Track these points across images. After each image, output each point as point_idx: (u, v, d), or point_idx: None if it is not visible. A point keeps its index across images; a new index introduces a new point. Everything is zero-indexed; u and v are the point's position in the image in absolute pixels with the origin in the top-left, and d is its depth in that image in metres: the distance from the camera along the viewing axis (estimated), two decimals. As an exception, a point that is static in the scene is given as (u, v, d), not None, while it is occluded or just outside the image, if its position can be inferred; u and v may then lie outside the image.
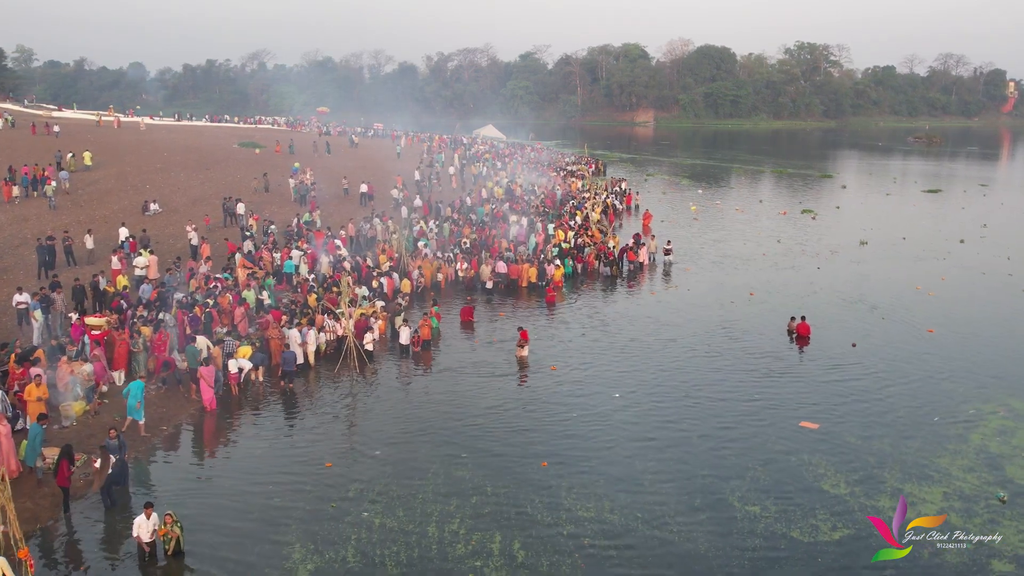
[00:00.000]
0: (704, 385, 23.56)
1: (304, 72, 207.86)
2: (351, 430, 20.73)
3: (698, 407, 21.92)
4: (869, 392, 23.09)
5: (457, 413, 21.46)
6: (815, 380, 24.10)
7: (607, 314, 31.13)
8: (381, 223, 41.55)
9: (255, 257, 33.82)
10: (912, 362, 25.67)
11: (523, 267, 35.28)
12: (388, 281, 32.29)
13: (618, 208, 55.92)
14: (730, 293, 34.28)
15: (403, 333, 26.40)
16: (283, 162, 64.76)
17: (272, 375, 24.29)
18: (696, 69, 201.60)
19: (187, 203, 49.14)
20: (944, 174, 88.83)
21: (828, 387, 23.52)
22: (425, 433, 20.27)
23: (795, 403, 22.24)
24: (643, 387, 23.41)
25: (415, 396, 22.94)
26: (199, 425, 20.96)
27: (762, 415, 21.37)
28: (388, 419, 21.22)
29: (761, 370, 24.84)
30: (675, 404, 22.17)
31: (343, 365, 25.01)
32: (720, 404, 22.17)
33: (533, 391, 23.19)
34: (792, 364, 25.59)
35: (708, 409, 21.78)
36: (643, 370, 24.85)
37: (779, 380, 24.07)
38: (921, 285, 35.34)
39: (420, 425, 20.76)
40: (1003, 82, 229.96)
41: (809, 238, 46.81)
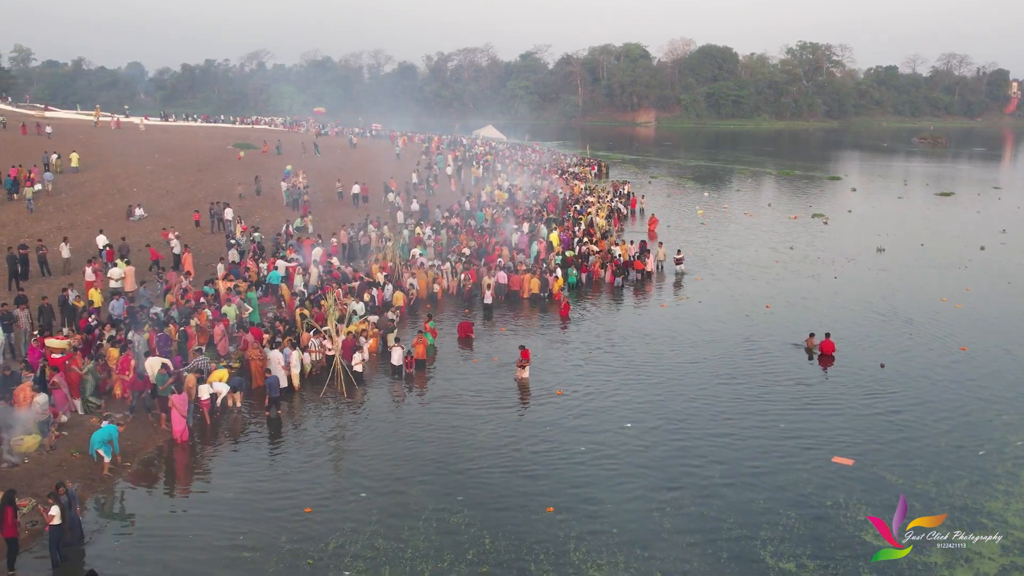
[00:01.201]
0: (723, 414, 21.50)
1: (303, 72, 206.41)
2: (335, 468, 18.65)
3: (719, 440, 19.87)
4: (905, 421, 21.08)
5: (453, 448, 19.40)
6: (845, 407, 22.08)
7: (615, 330, 29.08)
8: (376, 230, 39.56)
9: (240, 268, 31.79)
10: (947, 385, 23.68)
11: (524, 277, 33.24)
12: (378, 292, 30.26)
13: (623, 212, 53.91)
14: (745, 305, 32.28)
15: (395, 353, 24.36)
16: (277, 164, 62.70)
17: (253, 400, 22.31)
18: (698, 69, 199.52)
19: (175, 207, 47.18)
20: (954, 176, 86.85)
21: (860, 415, 21.50)
22: (417, 472, 18.25)
23: (826, 435, 20.23)
24: (657, 415, 21.35)
25: (407, 427, 20.88)
26: (168, 460, 18.95)
27: (791, 450, 19.36)
28: (376, 454, 19.18)
29: (786, 396, 22.81)
30: (693, 436, 20.13)
31: (330, 388, 23.00)
32: (743, 437, 20.12)
33: (536, 421, 21.14)
34: (819, 388, 23.54)
35: (730, 443, 19.73)
36: (656, 396, 22.81)
37: (806, 407, 22.02)
38: (946, 297, 33.34)
39: (411, 462, 18.72)
40: (1006, 82, 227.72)
41: (823, 245, 44.80)
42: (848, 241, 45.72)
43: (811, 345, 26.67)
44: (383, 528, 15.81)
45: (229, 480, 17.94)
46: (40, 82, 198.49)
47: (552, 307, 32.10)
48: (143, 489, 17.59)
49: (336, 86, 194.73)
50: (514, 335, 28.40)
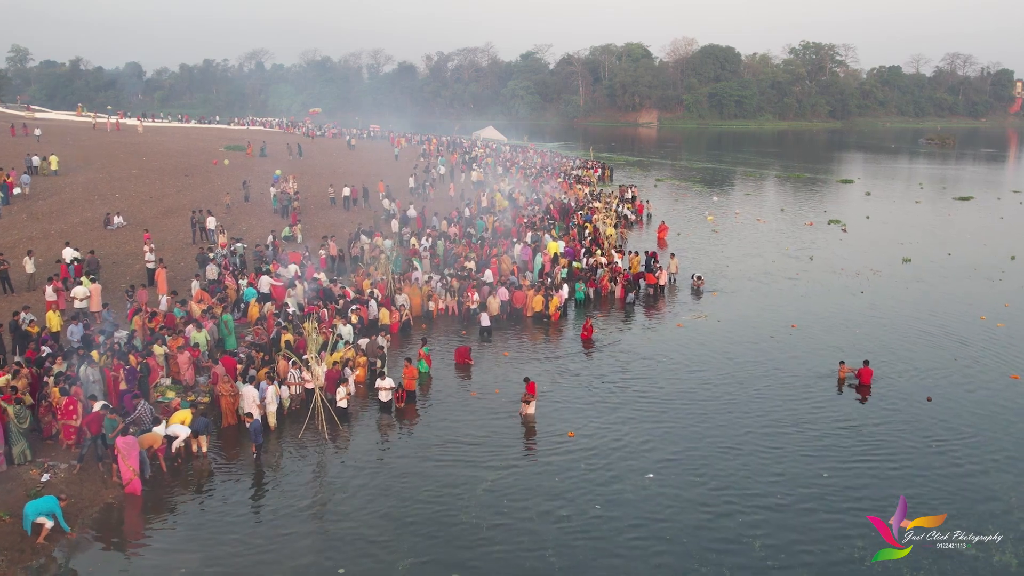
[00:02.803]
0: (758, 465, 18.65)
1: (302, 72, 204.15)
2: (308, 536, 15.94)
3: (756, 502, 16.99)
4: (968, 472, 18.35)
5: (448, 509, 16.60)
6: (896, 453, 19.31)
7: (629, 355, 26.30)
8: (370, 240, 36.86)
9: (219, 285, 29.05)
10: (1007, 424, 20.95)
11: (528, 294, 30.59)
12: (361, 309, 27.52)
13: (630, 219, 51.21)
14: (768, 325, 29.61)
15: (383, 386, 21.70)
16: (267, 167, 60.07)
17: (223, 442, 19.68)
18: (700, 69, 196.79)
19: (157, 215, 44.63)
20: (969, 179, 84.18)
21: (914, 463, 18.77)
22: (404, 537, 15.55)
23: (877, 490, 17.50)
24: (681, 466, 18.60)
25: (395, 479, 18.08)
26: (115, 522, 16.25)
27: (841, 512, 16.59)
28: (357, 515, 16.42)
29: (827, 440, 19.99)
30: (723, 491, 17.43)
31: (310, 427, 20.35)
32: (783, 495, 17.36)
33: (544, 470, 18.40)
34: (862, 429, 20.71)
35: (770, 506, 16.86)
36: (679, 438, 20.10)
37: (852, 456, 19.16)
38: (985, 314, 30.69)
39: (398, 525, 15.99)
40: (1011, 82, 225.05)
41: (844, 254, 42.12)
42: (871, 250, 43.05)
43: (843, 374, 24.01)
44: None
45: (187, 547, 15.29)
46: (37, 83, 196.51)
47: (561, 327, 29.49)
48: (84, 558, 14.94)
49: (335, 86, 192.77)
50: (517, 360, 25.76)
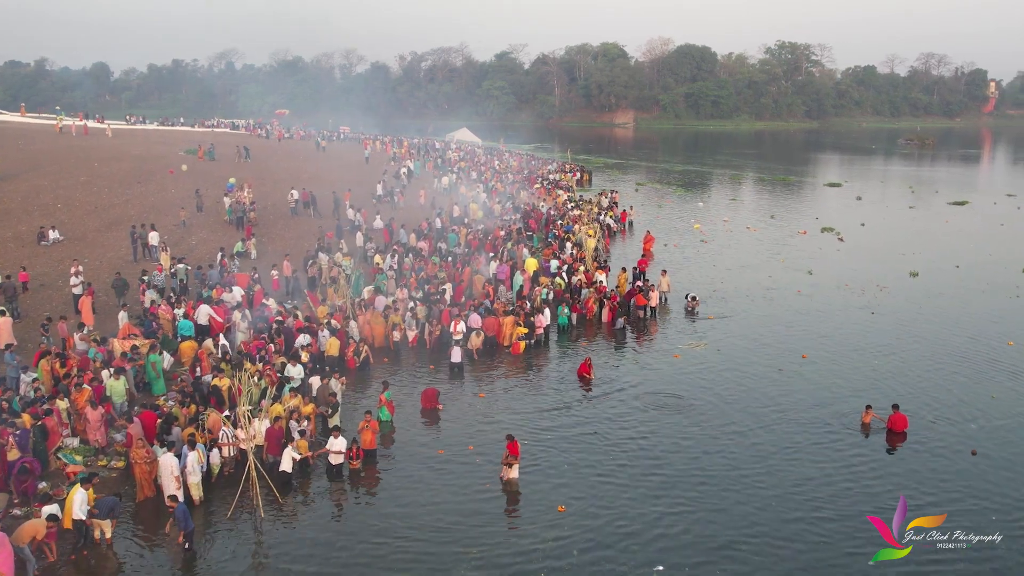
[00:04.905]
0: (783, 548, 15.40)
1: (273, 72, 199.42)
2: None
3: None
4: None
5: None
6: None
7: (625, 398, 22.78)
8: (328, 258, 33.25)
9: (150, 317, 25.29)
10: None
11: (504, 320, 27.11)
12: (313, 344, 23.95)
13: (613, 229, 47.84)
14: (774, 354, 26.38)
15: (335, 448, 18.13)
16: (224, 173, 56.14)
17: (139, 524, 16.11)
18: (676, 69, 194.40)
19: (100, 228, 40.65)
20: (957, 181, 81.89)
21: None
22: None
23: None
24: (697, 549, 15.29)
25: (346, 568, 14.66)
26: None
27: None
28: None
29: (857, 509, 16.78)
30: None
31: (243, 499, 16.79)
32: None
33: (527, 557, 15.02)
34: (899, 491, 17.48)
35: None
36: (687, 514, 16.63)
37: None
38: (1013, 340, 27.72)
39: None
40: (984, 82, 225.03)
41: (845, 267, 39.11)
42: (873, 262, 40.06)
43: (867, 421, 20.86)
44: None
45: None
46: (0, 83, 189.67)
47: (544, 360, 26.13)
48: None
49: (307, 87, 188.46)
50: (494, 404, 22.34)
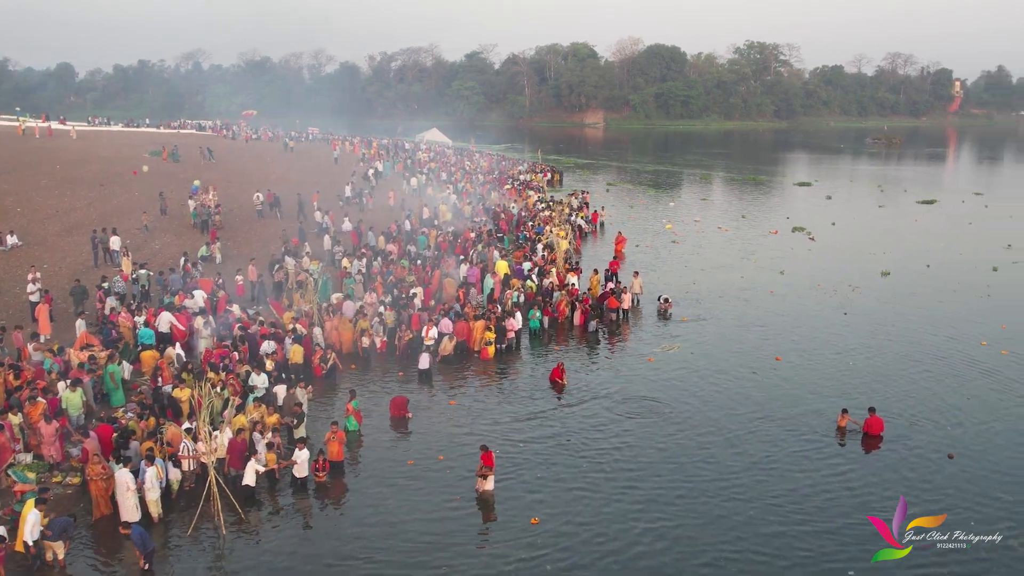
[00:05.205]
0: (767, 564, 14.99)
1: (241, 72, 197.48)
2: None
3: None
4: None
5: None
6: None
7: (599, 403, 22.33)
8: (296, 263, 32.50)
9: (110, 325, 24.43)
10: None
11: (474, 325, 26.58)
12: (279, 351, 23.31)
13: (584, 230, 47.48)
14: (748, 357, 26.11)
15: (300, 459, 17.50)
16: (189, 175, 55.00)
17: (96, 542, 15.40)
18: (646, 69, 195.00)
19: (60, 232, 39.54)
20: (925, 180, 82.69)
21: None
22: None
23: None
24: (669, 560, 14.94)
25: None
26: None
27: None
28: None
29: (838, 522, 16.45)
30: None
31: (204, 515, 16.13)
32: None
33: (500, 572, 14.60)
34: (884, 502, 17.10)
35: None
36: (667, 529, 16.20)
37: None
38: (986, 339, 27.67)
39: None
40: (950, 81, 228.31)
41: (816, 267, 39.08)
42: (844, 262, 40.06)
43: (843, 425, 20.62)
44: None
45: None
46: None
47: (516, 365, 25.67)
48: None
49: (275, 87, 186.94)
50: (466, 411, 21.80)
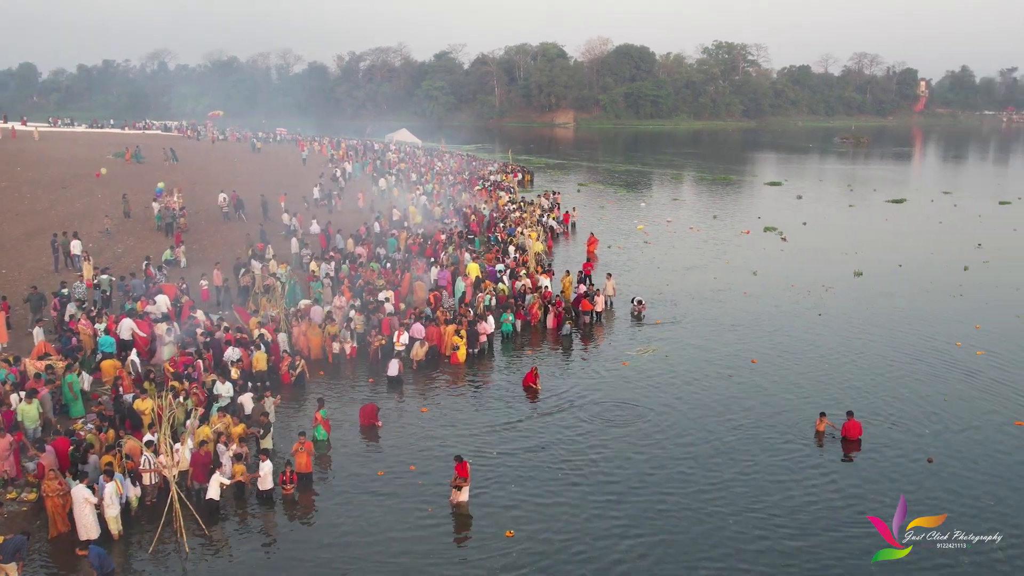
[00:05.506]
0: (748, 573, 14.73)
1: (207, 73, 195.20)
2: None
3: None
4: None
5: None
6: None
7: (574, 409, 21.89)
8: (262, 266, 31.76)
9: (68, 332, 23.54)
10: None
11: (445, 329, 26.05)
12: (244, 358, 22.59)
13: (556, 231, 47.11)
14: (725, 359, 25.85)
15: (263, 471, 16.87)
16: (152, 176, 53.86)
17: (51, 560, 14.70)
18: (616, 69, 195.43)
19: (20, 237, 38.52)
20: (893, 179, 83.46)
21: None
22: None
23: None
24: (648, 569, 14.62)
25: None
26: None
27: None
28: None
29: (818, 526, 16.21)
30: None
31: (165, 532, 15.49)
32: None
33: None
34: (861, 505, 16.79)
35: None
36: (645, 536, 15.87)
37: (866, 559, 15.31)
38: (960, 340, 27.64)
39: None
40: (915, 81, 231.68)
41: (789, 267, 39.06)
42: (817, 262, 40.07)
43: (821, 429, 20.39)
44: None
45: None
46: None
47: (488, 371, 25.21)
48: None
49: (242, 87, 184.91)
50: (437, 420, 21.28)
